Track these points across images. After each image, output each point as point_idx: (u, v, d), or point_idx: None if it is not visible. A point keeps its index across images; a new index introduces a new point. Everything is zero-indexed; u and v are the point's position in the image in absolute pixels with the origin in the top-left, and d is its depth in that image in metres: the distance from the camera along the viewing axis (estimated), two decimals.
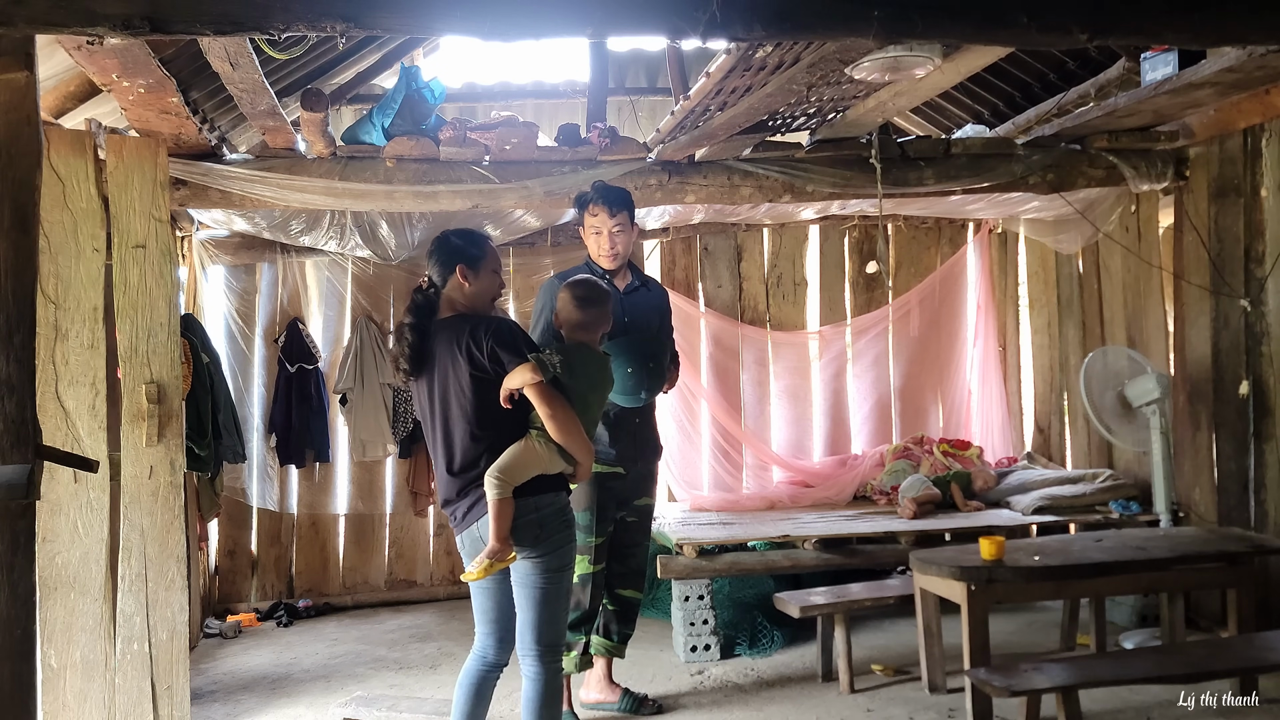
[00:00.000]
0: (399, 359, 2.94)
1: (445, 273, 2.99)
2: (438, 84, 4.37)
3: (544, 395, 2.81)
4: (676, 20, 2.24)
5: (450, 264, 2.98)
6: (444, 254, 3.00)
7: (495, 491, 2.79)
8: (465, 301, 2.99)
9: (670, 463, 5.76)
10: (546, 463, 2.87)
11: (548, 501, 2.88)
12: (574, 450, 2.88)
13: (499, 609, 2.99)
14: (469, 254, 3.00)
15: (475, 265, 2.99)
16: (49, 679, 3.47)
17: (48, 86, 3.68)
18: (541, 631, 2.90)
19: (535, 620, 2.89)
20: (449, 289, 3.00)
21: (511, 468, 2.82)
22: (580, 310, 3.07)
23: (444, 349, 2.90)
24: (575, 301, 3.08)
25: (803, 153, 4.48)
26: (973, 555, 3.73)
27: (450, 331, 2.91)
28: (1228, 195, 4.50)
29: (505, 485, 2.80)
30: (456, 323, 2.93)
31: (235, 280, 5.55)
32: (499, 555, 2.78)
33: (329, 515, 5.77)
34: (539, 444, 2.86)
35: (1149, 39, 3.27)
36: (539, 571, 2.87)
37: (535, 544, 2.85)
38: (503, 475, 2.80)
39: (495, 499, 2.79)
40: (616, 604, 3.94)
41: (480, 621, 3.04)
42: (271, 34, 2.24)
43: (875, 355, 6.12)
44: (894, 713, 3.87)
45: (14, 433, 2.19)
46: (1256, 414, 4.37)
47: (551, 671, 2.93)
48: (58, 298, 3.49)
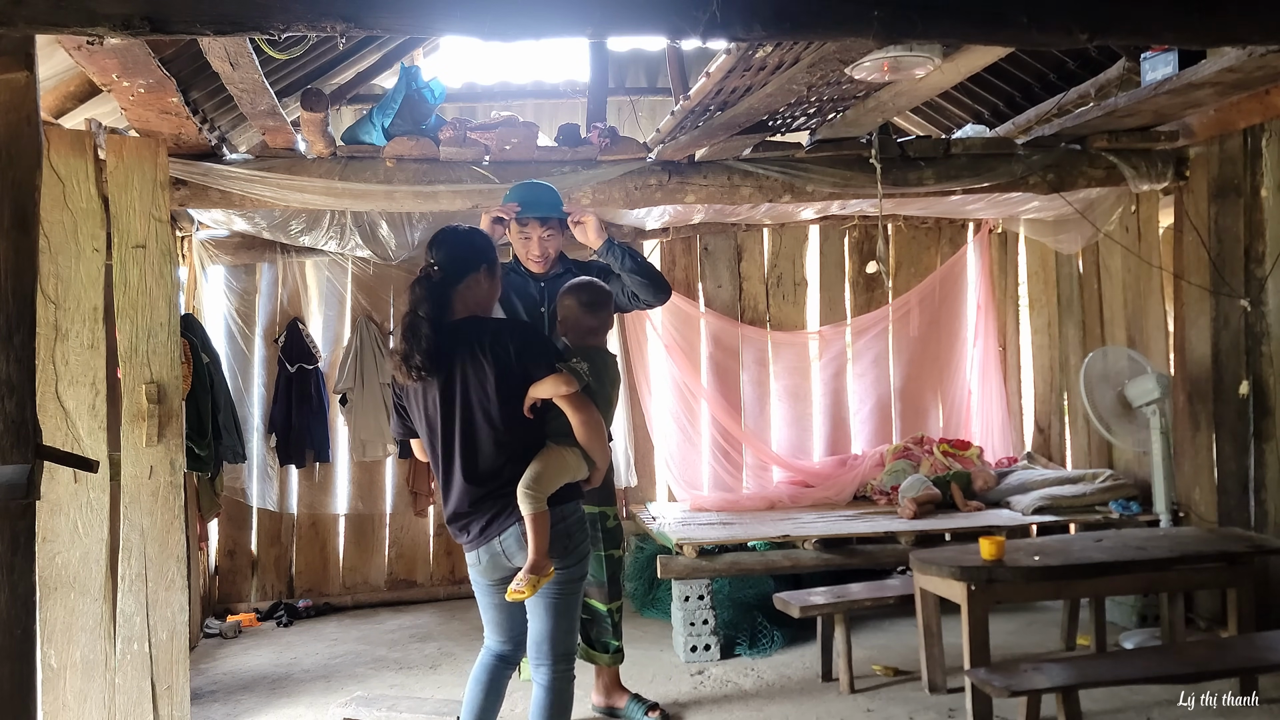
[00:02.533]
0: (411, 356, 2.71)
1: (465, 269, 2.84)
2: (438, 84, 4.37)
3: (578, 405, 2.76)
4: (676, 20, 2.24)
5: (475, 262, 2.86)
6: (467, 249, 2.87)
7: (532, 505, 2.71)
8: (479, 303, 2.89)
9: (670, 463, 5.76)
10: (575, 470, 2.83)
11: (573, 510, 2.84)
12: (599, 456, 2.85)
13: (511, 618, 2.95)
14: (491, 256, 2.91)
15: (494, 270, 2.92)
16: (49, 679, 3.47)
17: (48, 86, 3.69)
18: (558, 640, 2.85)
19: (552, 630, 2.84)
20: (465, 286, 2.84)
21: (544, 478, 2.75)
22: (592, 314, 3.03)
23: (462, 350, 2.75)
24: (583, 307, 3.03)
25: (803, 153, 4.48)
26: (973, 555, 3.73)
27: (469, 333, 2.78)
28: (1228, 195, 4.50)
29: (540, 498, 2.73)
30: (475, 324, 2.82)
31: (235, 280, 5.55)
32: (543, 570, 2.71)
33: (329, 515, 5.77)
34: (569, 453, 2.81)
35: (1149, 39, 3.27)
36: (565, 581, 2.81)
37: (564, 555, 2.79)
38: (537, 487, 2.73)
39: (533, 513, 2.71)
40: (585, 612, 3.85)
41: (493, 629, 2.99)
42: (271, 34, 2.24)
43: (875, 355, 6.12)
44: (894, 713, 3.87)
45: (14, 433, 2.19)
46: (1256, 414, 4.37)
47: (565, 680, 2.88)
48: (58, 298, 3.49)
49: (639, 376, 5.75)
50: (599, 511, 3.76)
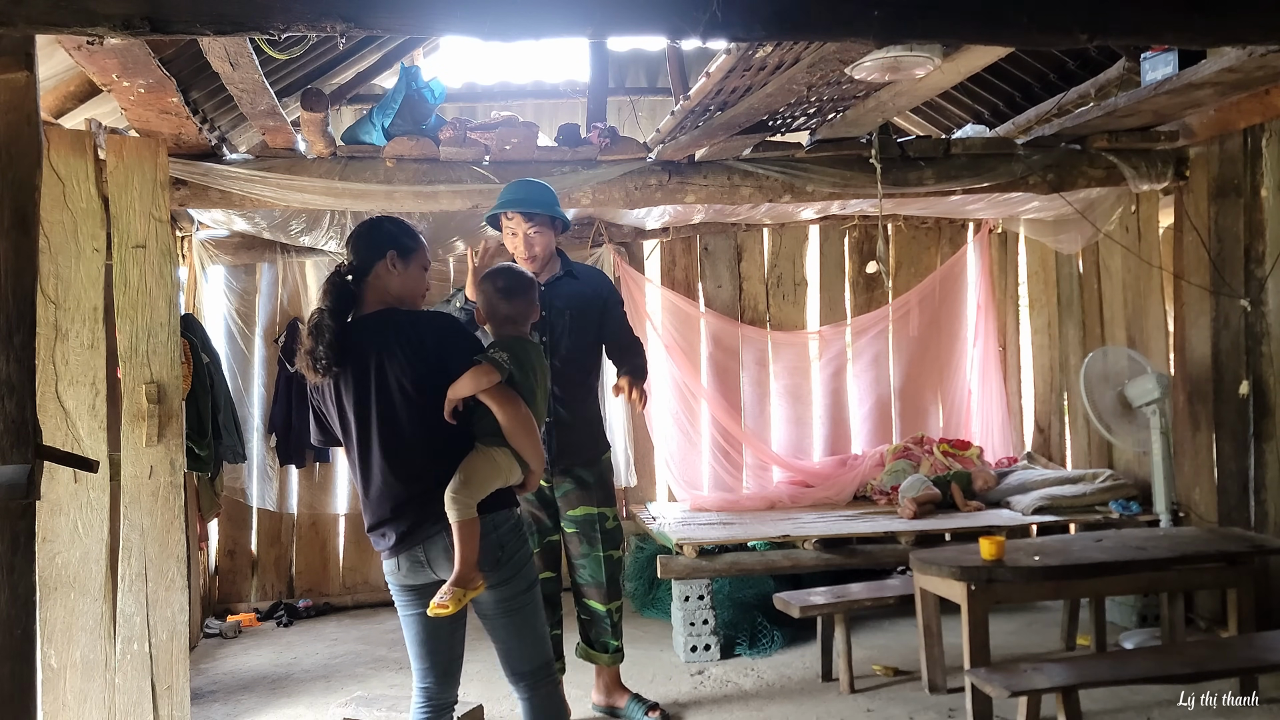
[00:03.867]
0: (315, 350, 2.55)
1: (372, 257, 2.67)
2: (438, 84, 4.37)
3: (502, 398, 2.56)
4: (676, 20, 2.23)
5: (380, 248, 2.67)
6: (374, 236, 2.71)
7: (459, 512, 2.49)
8: (394, 294, 2.69)
9: (670, 463, 5.76)
10: (507, 473, 2.61)
11: (504, 518, 2.62)
12: (531, 456, 2.63)
13: (444, 641, 2.71)
14: (402, 242, 2.71)
15: (407, 256, 2.70)
16: (49, 679, 3.47)
17: (48, 86, 3.69)
18: (528, 655, 2.69)
19: (515, 649, 2.68)
20: (374, 276, 2.67)
21: (473, 483, 2.54)
22: (507, 302, 2.78)
23: (375, 344, 2.58)
24: (499, 294, 2.79)
25: (803, 153, 4.48)
26: (973, 555, 3.73)
27: (382, 325, 2.61)
28: (1228, 195, 4.50)
29: (469, 504, 2.51)
30: (388, 316, 2.64)
31: (235, 280, 5.55)
32: (471, 583, 2.51)
33: (329, 515, 5.77)
34: (499, 453, 2.59)
35: (1149, 39, 3.27)
36: (509, 595, 2.62)
37: (497, 567, 2.57)
38: (465, 492, 2.51)
39: (461, 520, 2.49)
40: (584, 613, 3.87)
41: (420, 658, 2.72)
42: (271, 34, 2.23)
43: (875, 355, 6.12)
44: (894, 713, 3.87)
45: (14, 433, 2.19)
46: (1256, 414, 4.37)
47: (546, 691, 2.74)
48: (58, 298, 3.49)
49: None
50: (598, 513, 3.75)
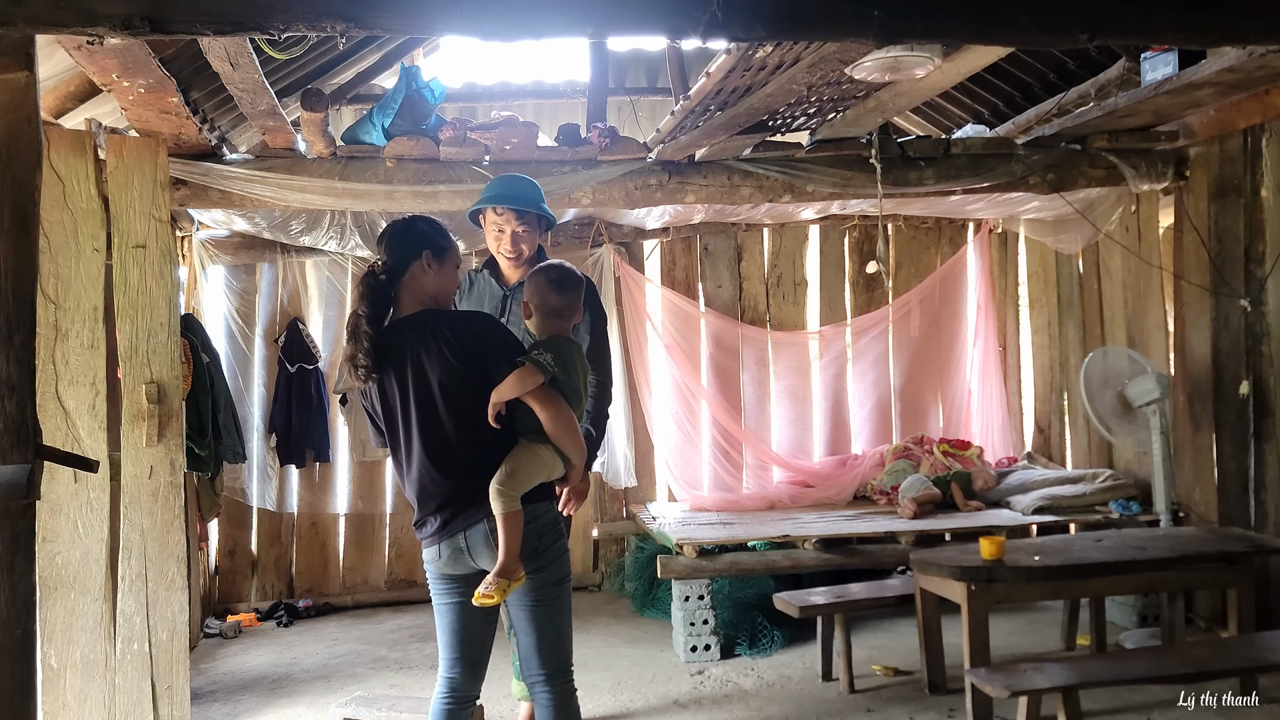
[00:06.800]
0: (355, 357, 2.59)
1: (407, 257, 2.67)
2: (438, 84, 4.37)
3: (545, 399, 2.60)
4: (676, 20, 2.24)
5: (416, 248, 2.68)
6: (409, 236, 2.71)
7: (505, 504, 2.56)
8: (430, 294, 2.71)
9: (670, 463, 5.77)
10: (550, 468, 2.69)
11: (543, 510, 2.67)
12: (574, 452, 2.70)
13: (476, 633, 2.75)
14: (436, 242, 2.72)
15: (441, 255, 2.72)
16: (49, 679, 3.47)
17: (48, 86, 3.69)
18: (549, 653, 2.69)
19: (540, 642, 2.68)
20: (410, 277, 2.68)
21: (519, 476, 2.60)
22: (558, 294, 2.78)
23: (415, 345, 2.61)
24: (551, 285, 2.78)
25: (803, 153, 4.48)
26: (973, 555, 3.73)
27: (421, 326, 2.63)
28: (1228, 195, 4.50)
29: (513, 497, 2.58)
30: (427, 317, 2.66)
31: (235, 280, 5.55)
32: (514, 574, 2.57)
33: (329, 515, 5.77)
34: (543, 450, 2.65)
35: (1149, 39, 3.27)
36: (540, 585, 2.65)
37: (534, 557, 2.62)
38: (510, 485, 2.58)
39: (505, 512, 2.56)
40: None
41: (451, 647, 2.75)
42: (271, 34, 2.24)
43: (875, 355, 6.12)
44: (894, 713, 3.87)
45: (14, 433, 2.20)
46: (1256, 414, 4.37)
47: (565, 694, 2.72)
48: (58, 298, 3.49)
49: (639, 376, 5.75)
50: None
